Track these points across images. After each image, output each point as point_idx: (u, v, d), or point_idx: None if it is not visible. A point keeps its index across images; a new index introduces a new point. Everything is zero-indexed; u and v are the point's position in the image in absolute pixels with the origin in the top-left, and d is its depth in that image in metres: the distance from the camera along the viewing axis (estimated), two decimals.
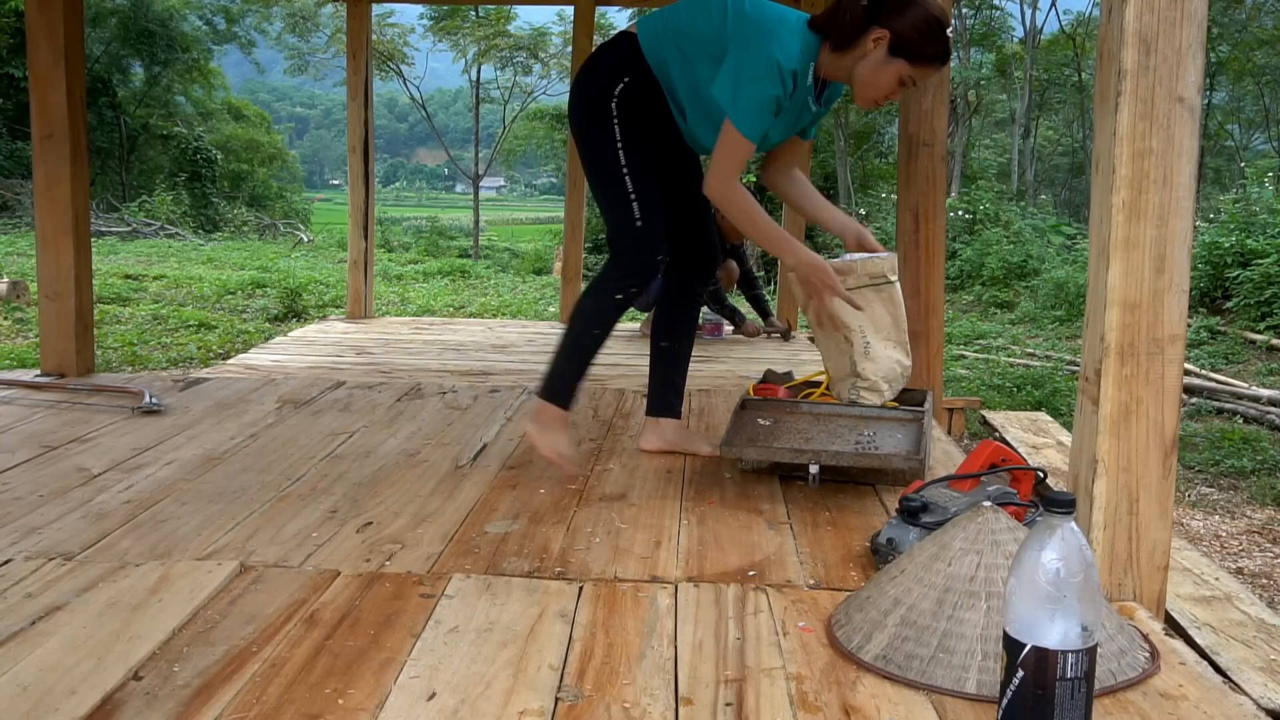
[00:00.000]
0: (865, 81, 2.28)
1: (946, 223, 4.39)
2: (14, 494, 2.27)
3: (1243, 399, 6.37)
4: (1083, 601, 1.19)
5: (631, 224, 2.37)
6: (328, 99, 73.47)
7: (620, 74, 2.36)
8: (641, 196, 2.36)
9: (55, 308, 3.61)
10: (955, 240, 12.86)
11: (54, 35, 3.43)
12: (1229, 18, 17.91)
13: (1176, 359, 1.73)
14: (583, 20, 5.81)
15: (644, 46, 2.35)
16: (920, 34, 2.22)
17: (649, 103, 2.38)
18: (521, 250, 19.75)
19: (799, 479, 2.45)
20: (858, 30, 2.23)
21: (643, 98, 2.37)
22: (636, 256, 2.38)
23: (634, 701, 1.38)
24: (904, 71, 2.26)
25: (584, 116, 2.41)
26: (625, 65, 2.36)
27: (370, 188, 5.78)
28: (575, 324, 2.44)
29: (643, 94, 2.36)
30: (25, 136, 16.63)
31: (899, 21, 2.21)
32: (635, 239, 2.37)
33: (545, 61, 19.08)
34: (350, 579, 1.80)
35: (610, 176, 2.38)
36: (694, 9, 2.33)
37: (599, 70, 2.40)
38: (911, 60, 2.24)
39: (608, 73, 2.38)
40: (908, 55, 2.23)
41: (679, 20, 2.34)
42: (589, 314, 2.42)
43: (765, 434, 2.52)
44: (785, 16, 2.26)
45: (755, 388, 2.93)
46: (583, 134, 2.43)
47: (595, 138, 2.38)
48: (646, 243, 2.38)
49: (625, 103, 2.36)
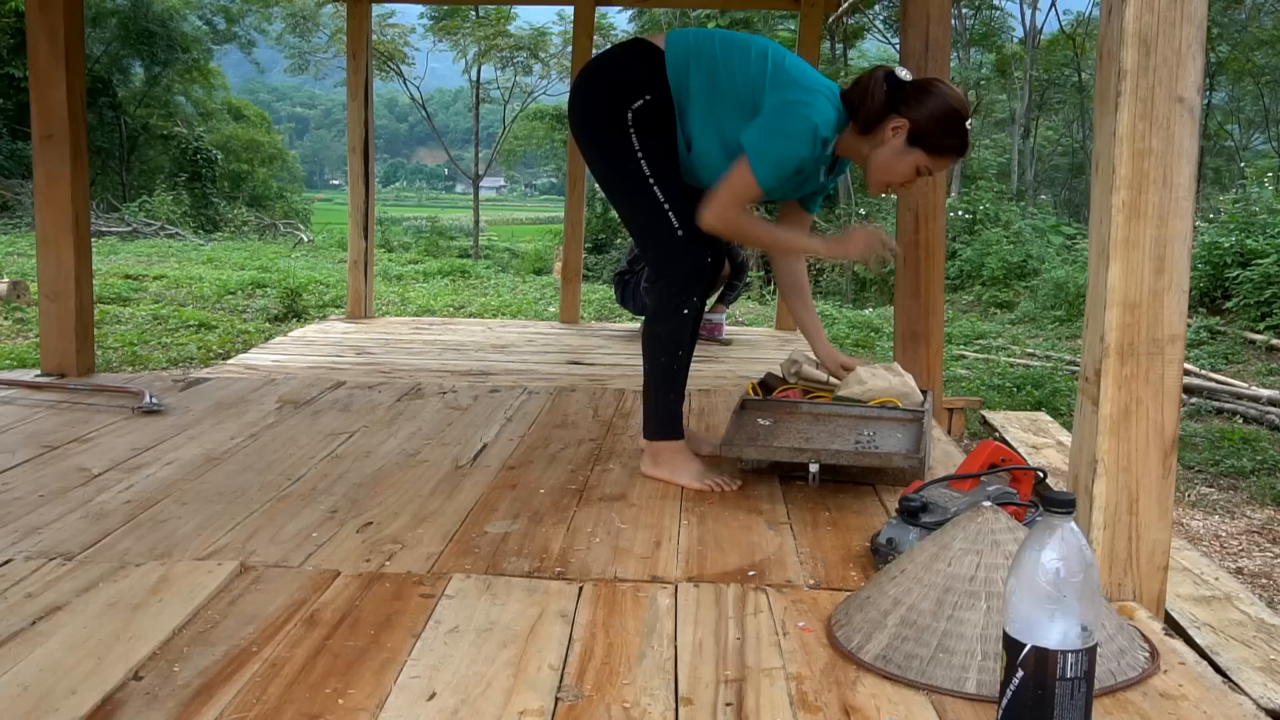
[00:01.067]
0: (881, 167, 2.26)
1: (946, 223, 4.40)
2: (14, 494, 2.27)
3: (1243, 399, 6.37)
4: (1083, 601, 1.19)
5: (672, 234, 2.31)
6: (328, 99, 73.46)
7: (642, 90, 2.28)
8: (674, 204, 2.31)
9: (55, 308, 3.61)
10: (955, 240, 12.86)
11: (54, 35, 3.43)
12: (1229, 18, 17.92)
13: (1176, 359, 1.73)
14: (583, 20, 5.80)
15: (670, 68, 2.28)
16: (939, 125, 2.20)
17: (663, 121, 2.31)
18: (521, 250, 19.76)
19: (799, 479, 2.45)
20: (879, 116, 2.22)
21: (658, 117, 2.30)
22: (686, 263, 2.33)
23: (634, 701, 1.39)
24: (921, 162, 2.24)
25: (597, 126, 2.34)
26: (648, 83, 2.29)
27: (370, 188, 5.78)
28: (657, 354, 2.39)
29: (658, 114, 2.30)
30: (25, 136, 16.62)
31: (918, 111, 2.19)
32: (682, 248, 2.32)
33: (545, 62, 19.09)
34: (350, 579, 1.80)
35: (636, 188, 2.31)
36: (731, 49, 2.28)
37: (618, 82, 2.32)
38: (930, 151, 2.23)
39: (629, 87, 2.30)
40: (926, 146, 2.22)
41: (714, 54, 2.28)
42: (666, 339, 2.37)
43: (765, 434, 2.52)
44: (822, 82, 2.26)
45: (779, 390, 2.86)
46: (596, 144, 2.36)
47: (611, 150, 2.32)
48: (693, 248, 2.33)
49: (641, 117, 2.29)
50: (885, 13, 17.76)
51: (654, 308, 2.38)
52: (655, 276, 2.40)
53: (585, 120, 2.38)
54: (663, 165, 2.31)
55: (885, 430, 2.53)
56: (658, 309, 2.37)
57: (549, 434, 2.91)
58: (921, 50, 3.35)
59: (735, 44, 2.29)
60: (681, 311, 2.34)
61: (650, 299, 2.41)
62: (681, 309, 2.34)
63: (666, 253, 2.34)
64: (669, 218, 2.31)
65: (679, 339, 2.37)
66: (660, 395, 2.41)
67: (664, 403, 2.41)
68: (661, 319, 2.37)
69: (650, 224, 2.33)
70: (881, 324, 9.03)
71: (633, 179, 2.31)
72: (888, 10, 17.57)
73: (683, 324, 2.36)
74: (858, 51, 19.37)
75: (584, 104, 2.38)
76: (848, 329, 8.94)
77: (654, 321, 2.38)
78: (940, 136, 2.22)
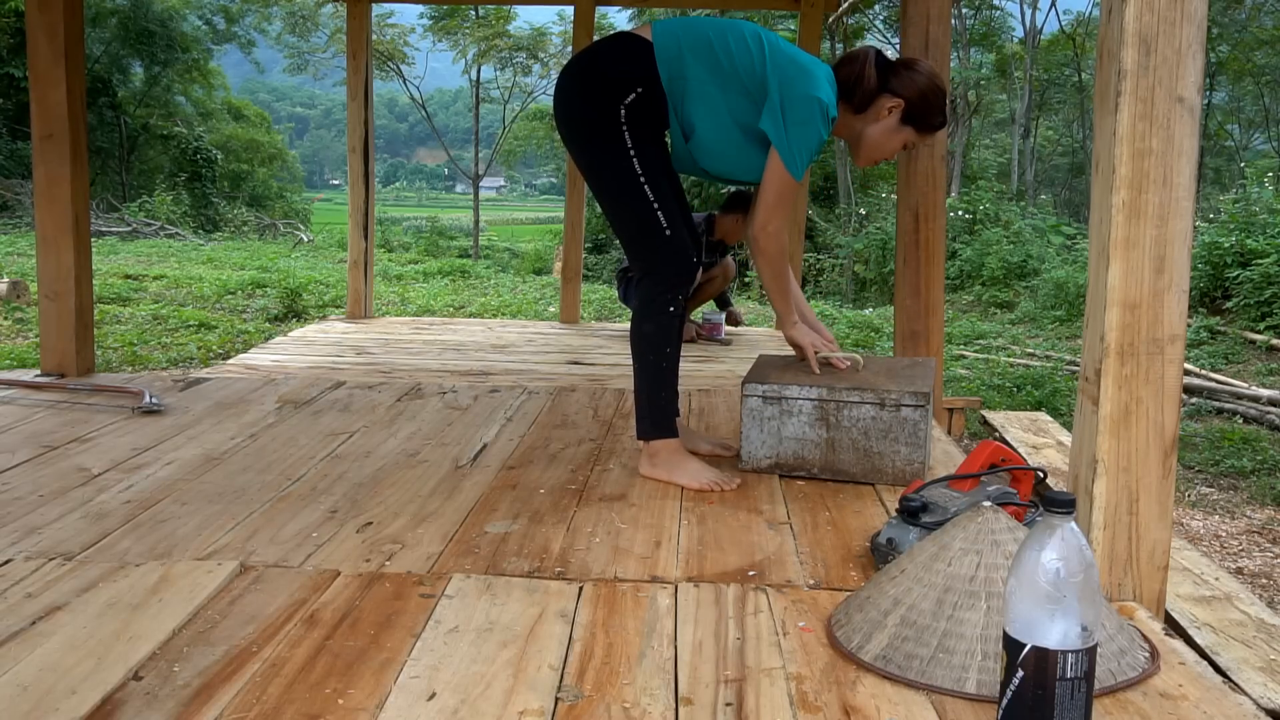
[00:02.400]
0: (875, 144, 2.41)
1: (946, 223, 4.39)
2: (14, 494, 2.27)
3: (1243, 399, 6.37)
4: (1083, 601, 1.19)
5: (660, 233, 2.33)
6: (328, 99, 73.49)
7: (633, 84, 2.28)
8: (663, 204, 2.33)
9: (55, 308, 3.61)
10: (955, 240, 12.86)
11: (54, 35, 3.43)
12: (1229, 18, 17.92)
13: (1176, 359, 1.73)
14: (583, 20, 5.81)
15: (660, 57, 2.27)
16: (928, 103, 2.36)
17: (655, 114, 2.32)
18: (521, 250, 19.77)
19: (799, 478, 2.45)
20: (873, 95, 2.35)
21: (650, 109, 2.31)
22: (674, 264, 2.36)
23: (634, 701, 1.38)
24: (910, 138, 2.42)
25: (589, 125, 2.31)
26: (639, 75, 2.28)
27: (370, 188, 5.78)
28: (646, 353, 2.40)
29: (651, 105, 2.30)
30: (25, 136, 16.64)
31: (909, 88, 2.34)
32: (669, 247, 2.35)
33: (545, 62, 19.08)
34: (350, 579, 1.80)
35: (625, 186, 2.32)
36: (726, 34, 2.29)
37: (607, 76, 2.31)
38: (919, 128, 2.40)
39: (620, 81, 2.28)
40: (917, 123, 2.38)
41: (708, 39, 2.29)
42: (653, 337, 2.38)
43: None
44: (818, 62, 2.33)
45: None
46: (588, 143, 2.33)
47: (604, 148, 2.31)
48: (680, 248, 2.36)
49: (634, 112, 2.29)
50: (885, 13, 17.76)
51: (640, 306, 2.40)
52: (642, 275, 2.41)
53: (576, 119, 2.35)
54: (652, 163, 2.33)
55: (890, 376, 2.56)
56: (643, 307, 2.39)
57: (549, 434, 2.91)
58: (921, 50, 3.35)
59: (727, 27, 2.32)
60: (668, 309, 2.37)
61: (636, 298, 2.43)
62: (668, 306, 2.37)
63: (655, 252, 2.35)
64: (658, 216, 2.32)
65: (667, 336, 2.39)
66: (652, 394, 2.41)
67: (656, 401, 2.42)
68: (648, 317, 2.38)
69: (639, 223, 2.34)
70: (881, 324, 9.03)
71: (624, 177, 2.31)
72: (888, 10, 17.56)
73: (670, 321, 2.38)
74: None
75: (573, 102, 2.35)
76: (848, 329, 8.94)
77: (641, 320, 2.40)
78: (930, 114, 2.38)
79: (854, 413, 2.41)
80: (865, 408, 2.40)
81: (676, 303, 2.37)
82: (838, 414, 2.42)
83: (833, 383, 2.44)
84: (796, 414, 2.45)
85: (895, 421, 2.39)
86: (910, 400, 2.37)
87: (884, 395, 2.38)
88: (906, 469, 2.37)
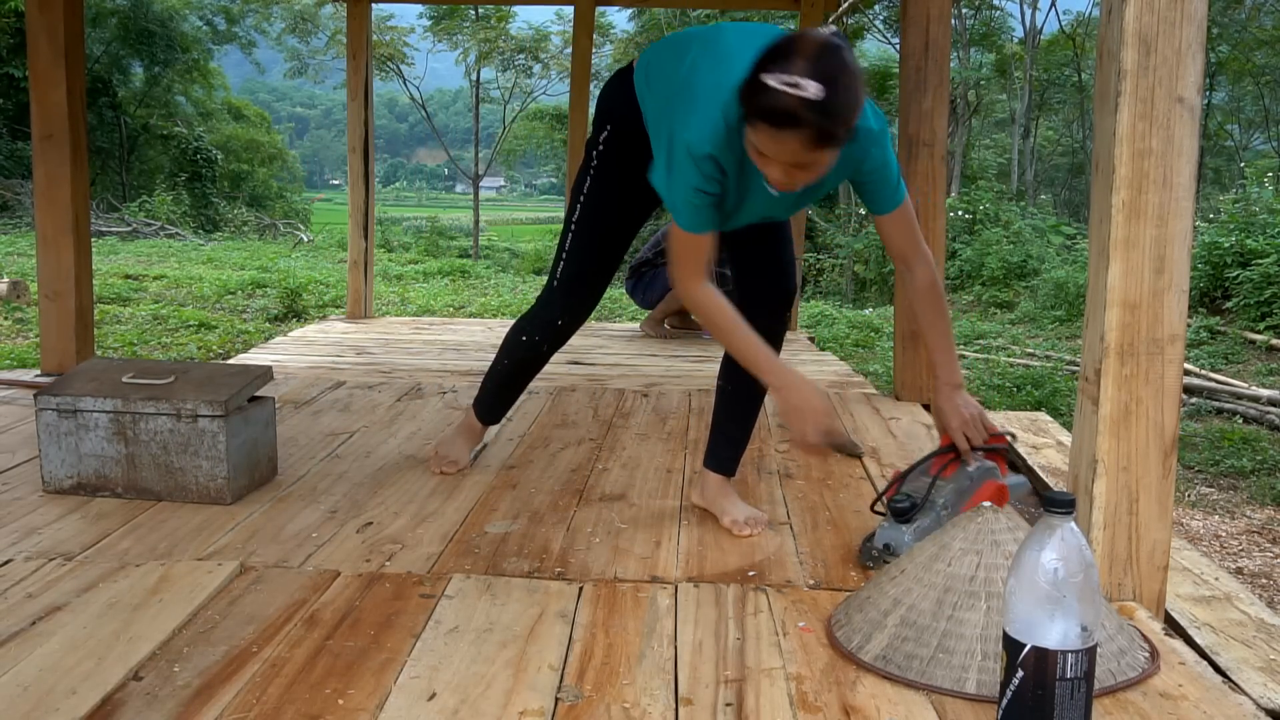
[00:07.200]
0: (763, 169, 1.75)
1: (946, 223, 4.39)
2: (14, 494, 2.27)
3: (1243, 399, 6.37)
4: (1082, 601, 1.19)
5: (553, 278, 2.25)
6: (328, 99, 73.46)
7: (604, 122, 2.13)
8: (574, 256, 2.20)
9: (55, 308, 3.61)
10: (955, 240, 12.86)
11: (54, 35, 3.43)
12: (1229, 18, 17.91)
13: (1176, 359, 1.73)
14: (583, 20, 5.80)
15: (637, 88, 2.03)
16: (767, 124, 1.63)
17: (629, 150, 2.07)
18: (521, 250, 19.76)
19: (799, 478, 2.45)
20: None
21: (623, 147, 2.09)
22: (546, 313, 2.28)
23: (634, 702, 1.39)
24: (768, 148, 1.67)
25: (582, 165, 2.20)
26: (611, 109, 2.11)
27: (370, 188, 5.77)
28: (501, 349, 2.40)
29: (624, 143, 2.09)
30: (25, 136, 16.63)
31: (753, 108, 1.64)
32: (550, 297, 2.26)
33: (545, 62, 19.08)
34: (350, 579, 1.80)
35: (566, 222, 2.22)
36: (664, 53, 2.00)
37: (594, 120, 2.19)
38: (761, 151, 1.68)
39: (596, 122, 2.16)
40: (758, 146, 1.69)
41: (660, 63, 2.00)
42: (505, 345, 2.38)
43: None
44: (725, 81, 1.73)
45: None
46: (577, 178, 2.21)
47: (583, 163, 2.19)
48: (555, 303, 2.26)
49: (606, 152, 2.13)
50: (885, 13, 17.75)
51: (522, 317, 2.35)
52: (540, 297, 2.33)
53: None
54: (595, 212, 2.17)
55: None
56: (522, 321, 2.34)
57: (549, 434, 2.91)
58: (921, 50, 3.35)
59: (675, 46, 1.98)
60: (521, 338, 2.33)
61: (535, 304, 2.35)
62: (521, 334, 2.33)
63: (544, 291, 2.29)
64: (560, 265, 2.23)
65: (509, 352, 2.37)
66: (485, 381, 2.48)
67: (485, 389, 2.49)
68: (515, 330, 2.35)
69: (560, 240, 2.25)
70: (881, 324, 9.03)
71: (575, 193, 2.20)
72: (888, 10, 17.56)
73: (518, 347, 2.34)
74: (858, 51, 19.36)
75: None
76: (848, 329, 8.94)
77: (515, 326, 2.36)
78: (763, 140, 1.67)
79: (151, 425, 2.20)
80: (162, 419, 2.19)
81: (533, 341, 2.31)
82: (135, 427, 2.20)
83: (130, 393, 2.23)
84: (93, 428, 2.22)
85: (194, 434, 2.18)
86: (207, 410, 2.17)
87: (179, 405, 2.19)
88: (210, 485, 2.20)
